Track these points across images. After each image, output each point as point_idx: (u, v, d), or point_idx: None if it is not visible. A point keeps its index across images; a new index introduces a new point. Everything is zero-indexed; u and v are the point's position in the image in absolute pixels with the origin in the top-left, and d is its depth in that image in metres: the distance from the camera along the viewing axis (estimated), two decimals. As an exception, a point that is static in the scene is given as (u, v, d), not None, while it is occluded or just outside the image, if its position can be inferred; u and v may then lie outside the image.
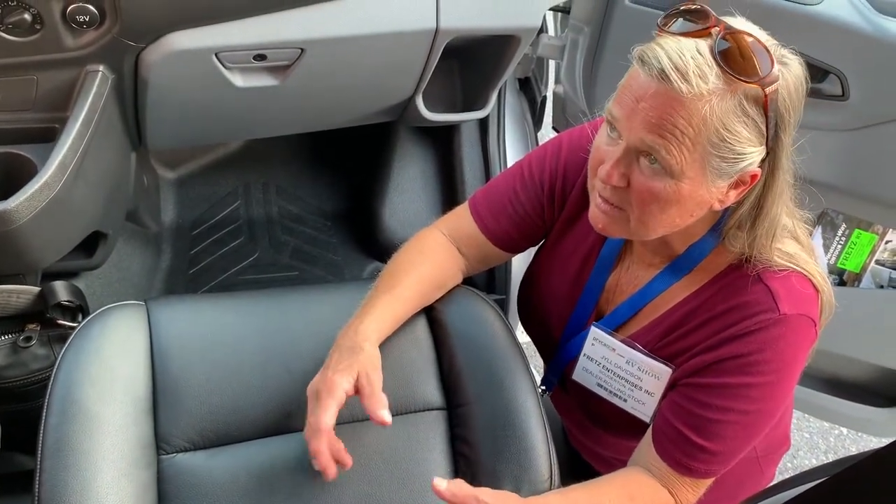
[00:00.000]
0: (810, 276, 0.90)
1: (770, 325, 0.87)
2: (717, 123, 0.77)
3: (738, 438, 0.91)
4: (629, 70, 0.83)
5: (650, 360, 0.97)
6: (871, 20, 1.25)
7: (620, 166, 0.83)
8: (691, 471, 0.92)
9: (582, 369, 1.05)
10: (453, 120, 1.71)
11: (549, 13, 1.89)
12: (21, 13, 1.07)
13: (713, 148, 0.79)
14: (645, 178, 0.82)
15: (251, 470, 0.92)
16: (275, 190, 2.00)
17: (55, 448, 0.86)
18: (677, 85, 0.76)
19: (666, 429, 0.94)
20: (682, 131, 0.78)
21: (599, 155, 0.87)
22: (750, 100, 0.78)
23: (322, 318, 1.03)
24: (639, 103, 0.79)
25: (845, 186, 1.35)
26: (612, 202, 0.87)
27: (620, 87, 0.83)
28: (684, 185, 0.81)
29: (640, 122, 0.79)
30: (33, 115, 1.18)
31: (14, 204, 1.06)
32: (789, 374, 0.90)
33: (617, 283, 1.03)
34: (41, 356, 1.23)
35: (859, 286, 1.48)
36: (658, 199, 0.83)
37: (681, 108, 0.77)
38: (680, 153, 0.79)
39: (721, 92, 0.77)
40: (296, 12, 1.25)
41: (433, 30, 1.37)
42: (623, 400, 1.02)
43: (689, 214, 0.86)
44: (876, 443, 2.02)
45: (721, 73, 0.76)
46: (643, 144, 0.80)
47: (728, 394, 0.89)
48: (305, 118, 1.62)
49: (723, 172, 0.81)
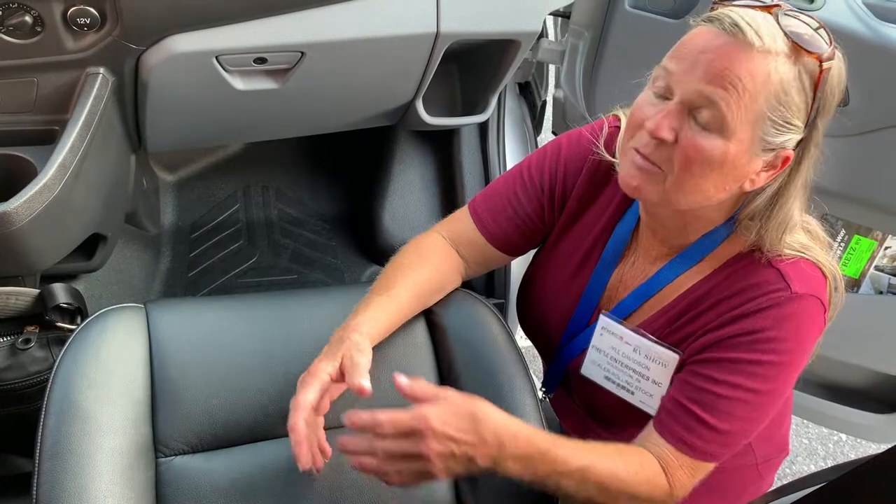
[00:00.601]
0: (820, 263, 0.90)
1: (783, 302, 0.87)
2: (778, 84, 0.79)
3: (743, 419, 0.89)
4: (692, 30, 0.83)
5: (658, 346, 0.96)
6: (870, 26, 1.25)
7: (671, 119, 0.82)
8: (690, 447, 0.89)
9: (590, 362, 1.04)
10: (453, 124, 1.71)
11: (550, 18, 1.90)
12: (22, 15, 1.07)
13: (769, 109, 0.80)
14: (695, 134, 0.82)
15: (249, 473, 0.91)
16: (274, 193, 2.00)
17: (53, 450, 0.86)
18: (751, 37, 0.78)
19: (669, 405, 0.92)
20: (744, 84, 0.78)
21: (642, 113, 0.85)
22: (807, 73, 0.80)
23: (321, 321, 1.03)
24: (703, 54, 0.80)
25: (845, 192, 1.35)
26: (652, 159, 0.85)
27: (677, 45, 0.84)
28: (732, 146, 0.81)
29: (701, 72, 0.80)
30: (33, 118, 1.19)
31: (14, 206, 1.06)
32: (799, 355, 0.89)
33: (620, 280, 1.03)
34: (40, 358, 1.23)
35: (858, 292, 1.48)
36: (703, 158, 0.82)
37: (748, 61, 0.78)
38: (738, 107, 0.79)
39: (786, 56, 0.79)
40: (296, 16, 1.25)
41: (433, 34, 1.38)
42: (630, 392, 1.01)
43: (724, 186, 0.85)
44: (875, 449, 2.02)
45: (788, 40, 0.79)
46: (700, 96, 0.80)
47: (738, 370, 0.88)
48: (305, 121, 1.62)
49: (768, 143, 0.82)
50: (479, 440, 0.81)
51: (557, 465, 0.84)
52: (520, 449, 0.82)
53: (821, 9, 1.28)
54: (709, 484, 1.13)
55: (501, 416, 0.83)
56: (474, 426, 0.81)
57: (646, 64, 0.90)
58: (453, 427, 0.80)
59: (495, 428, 0.82)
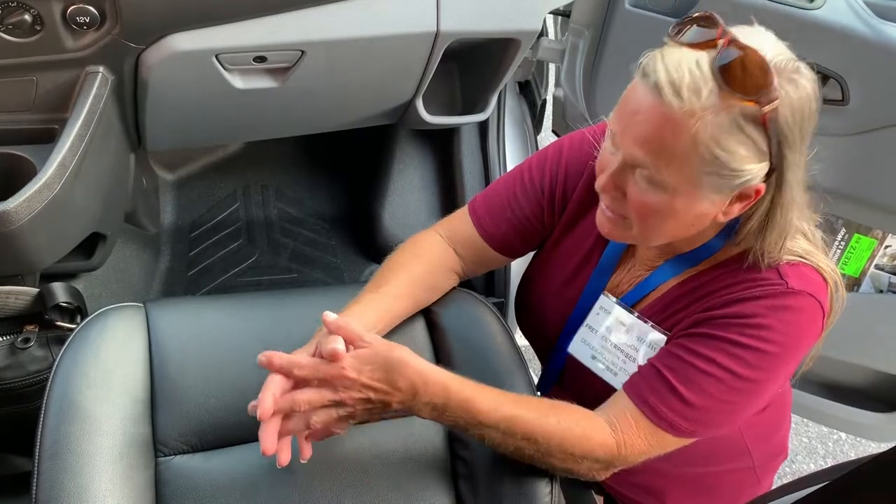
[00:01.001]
0: (821, 269, 0.89)
1: (777, 294, 0.86)
2: (710, 141, 0.75)
3: (718, 400, 0.87)
4: (632, 82, 0.81)
5: (652, 329, 0.97)
6: (871, 25, 1.25)
7: (616, 178, 0.83)
8: (653, 411, 0.87)
9: (580, 341, 1.05)
10: (453, 123, 1.71)
11: (550, 17, 1.89)
12: (21, 14, 1.07)
13: (705, 165, 0.77)
14: (639, 191, 0.82)
15: (249, 472, 0.91)
16: (274, 192, 2.00)
17: (53, 450, 0.86)
18: (668, 99, 0.75)
19: (644, 369, 0.91)
20: (671, 148, 0.77)
21: (602, 163, 0.87)
22: (748, 118, 0.75)
23: (320, 319, 1.03)
24: (634, 117, 0.79)
25: (845, 191, 1.35)
26: (613, 210, 0.88)
27: (621, 99, 0.82)
28: (678, 199, 0.81)
29: (632, 136, 0.79)
30: (33, 116, 1.19)
31: (13, 205, 1.06)
32: (788, 351, 0.87)
33: (617, 284, 1.03)
34: (39, 357, 1.23)
35: (858, 291, 1.48)
36: (653, 211, 0.83)
37: (671, 125, 0.75)
38: (668, 169, 0.78)
39: (715, 109, 0.74)
40: (296, 14, 1.25)
41: (433, 33, 1.37)
42: (614, 374, 1.01)
43: (689, 225, 0.85)
44: (875, 448, 2.02)
45: (717, 89, 0.74)
46: (634, 159, 0.80)
47: (720, 347, 0.87)
48: (305, 120, 1.62)
49: (720, 188, 0.80)
50: (393, 388, 0.83)
51: (480, 416, 0.85)
52: (435, 397, 0.84)
53: (821, 8, 1.28)
54: (704, 486, 1.13)
55: (418, 364, 0.84)
56: (387, 374, 0.83)
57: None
58: (367, 375, 0.82)
59: (409, 375, 0.83)
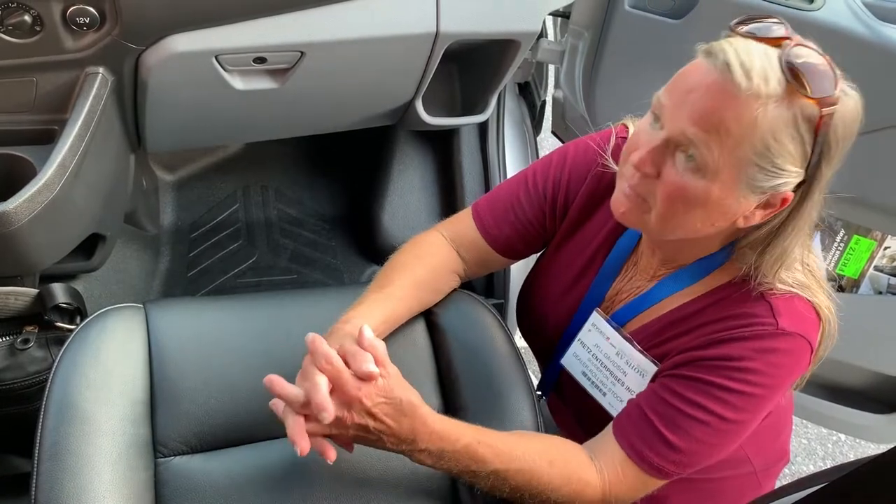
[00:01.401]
0: (817, 305, 0.88)
1: (765, 336, 0.85)
2: (767, 129, 0.75)
3: (704, 443, 0.87)
4: (692, 62, 0.80)
5: (640, 355, 0.96)
6: (870, 26, 1.25)
7: (656, 155, 0.81)
8: (643, 459, 0.87)
9: (572, 355, 1.05)
10: (453, 124, 1.71)
11: (549, 18, 1.90)
12: (21, 15, 1.07)
13: (755, 155, 0.76)
14: (677, 172, 0.80)
15: (248, 473, 0.91)
16: (274, 193, 2.00)
17: (52, 451, 0.86)
18: (738, 79, 0.74)
19: (632, 412, 0.91)
20: (728, 129, 0.75)
21: (636, 140, 0.84)
22: (805, 117, 0.75)
23: (320, 321, 1.03)
24: (690, 94, 0.77)
25: (844, 192, 1.35)
26: (637, 191, 0.84)
27: (675, 77, 0.81)
28: (715, 187, 0.79)
29: (686, 112, 0.77)
30: (33, 117, 1.18)
31: (13, 205, 1.06)
32: (773, 391, 0.87)
33: (617, 293, 1.03)
34: (39, 358, 1.23)
35: (858, 292, 1.48)
36: (685, 197, 0.80)
37: (734, 104, 0.75)
38: (720, 151, 0.77)
39: (779, 99, 0.75)
40: (296, 15, 1.25)
41: (433, 33, 1.38)
42: (602, 393, 1.01)
43: (711, 223, 0.83)
44: (874, 449, 2.02)
45: (784, 81, 0.75)
46: (683, 137, 0.78)
47: (705, 392, 0.86)
48: (305, 121, 1.62)
49: (757, 185, 0.79)
50: (396, 428, 0.82)
51: (472, 465, 0.85)
52: (432, 446, 0.84)
53: (820, 9, 1.28)
54: (706, 492, 1.13)
55: (425, 413, 0.84)
56: (395, 412, 0.82)
57: (645, 64, 0.90)
58: (378, 406, 0.82)
59: (413, 425, 0.83)
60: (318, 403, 0.79)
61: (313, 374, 0.82)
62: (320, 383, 0.81)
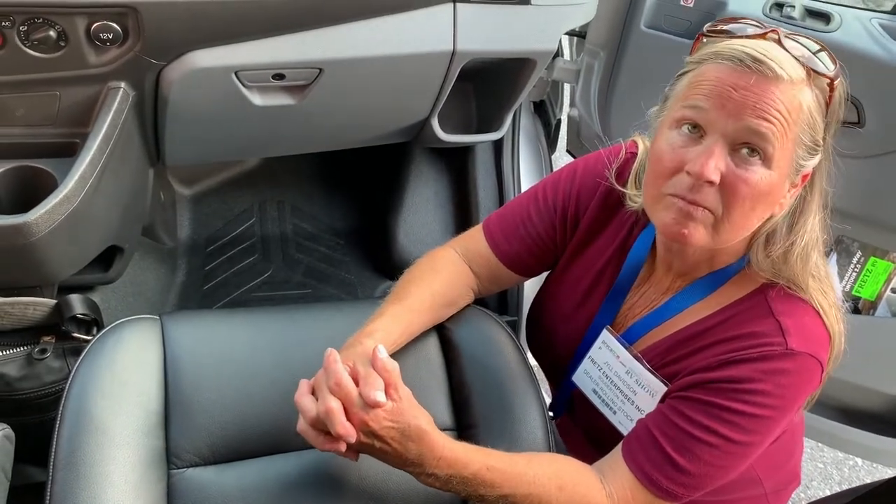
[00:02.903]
0: (824, 317, 0.88)
1: (774, 357, 0.85)
2: (807, 111, 0.81)
3: (713, 466, 0.87)
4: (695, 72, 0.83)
5: (650, 374, 0.96)
6: (887, 47, 1.25)
7: (718, 159, 0.80)
8: (652, 482, 0.87)
9: (583, 372, 1.05)
10: (468, 141, 1.72)
11: (565, 37, 1.91)
12: (47, 30, 1.09)
13: (803, 135, 0.82)
14: (742, 170, 0.81)
15: (261, 486, 0.92)
16: (289, 208, 2.01)
17: (67, 461, 0.87)
18: (778, 70, 0.78)
19: (641, 433, 0.91)
20: (784, 115, 0.79)
21: (678, 156, 0.82)
22: (821, 94, 0.83)
23: (334, 335, 1.03)
24: (736, 91, 0.79)
25: (861, 214, 1.35)
26: (699, 202, 0.82)
27: (697, 83, 0.82)
28: (775, 175, 0.82)
29: (739, 108, 0.79)
30: (55, 130, 1.20)
31: (34, 217, 1.08)
32: (783, 412, 0.87)
33: (630, 308, 1.02)
34: (55, 368, 1.24)
35: (874, 314, 1.47)
36: (754, 192, 0.81)
37: (783, 94, 0.79)
38: (782, 138, 0.80)
39: (806, 82, 0.81)
40: (315, 33, 1.26)
41: (450, 52, 1.39)
42: (613, 412, 1.01)
43: (764, 214, 0.86)
44: (891, 474, 1.99)
45: (797, 65, 0.80)
46: (745, 131, 0.79)
47: (714, 415, 0.86)
48: (322, 137, 1.63)
49: (800, 164, 0.83)
50: (401, 451, 0.82)
51: (480, 489, 0.85)
52: (441, 470, 0.83)
53: (837, 30, 1.28)
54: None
55: (433, 442, 0.83)
56: (402, 437, 0.82)
57: (661, 84, 0.90)
58: (384, 430, 0.81)
59: (420, 450, 0.82)
60: (340, 434, 0.80)
61: (326, 396, 0.82)
62: (335, 409, 0.81)
